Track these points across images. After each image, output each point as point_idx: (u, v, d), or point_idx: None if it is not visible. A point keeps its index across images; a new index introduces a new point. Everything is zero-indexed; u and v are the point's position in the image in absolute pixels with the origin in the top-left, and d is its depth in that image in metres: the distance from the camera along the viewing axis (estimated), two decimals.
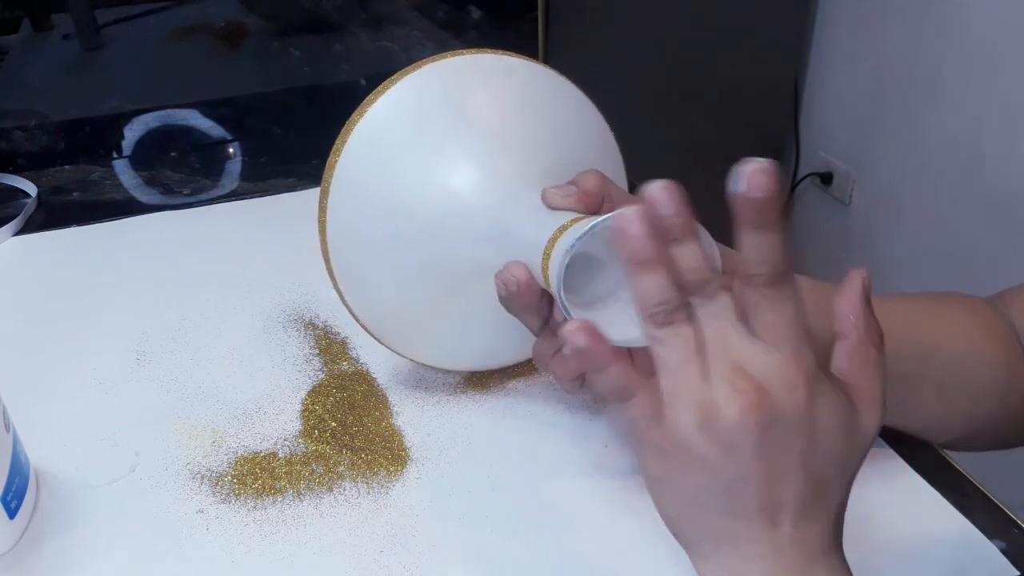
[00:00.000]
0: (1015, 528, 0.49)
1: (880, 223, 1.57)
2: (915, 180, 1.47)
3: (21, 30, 1.17)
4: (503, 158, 0.49)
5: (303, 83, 1.05)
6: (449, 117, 0.50)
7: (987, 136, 1.31)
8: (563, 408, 0.59)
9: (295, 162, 0.94)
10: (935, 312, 0.53)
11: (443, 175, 0.49)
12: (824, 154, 1.67)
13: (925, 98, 1.42)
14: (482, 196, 0.48)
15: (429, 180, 0.49)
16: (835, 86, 1.62)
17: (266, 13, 1.05)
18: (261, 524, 0.51)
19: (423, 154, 0.50)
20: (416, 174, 0.50)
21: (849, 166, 1.62)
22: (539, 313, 0.47)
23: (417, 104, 0.50)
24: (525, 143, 0.50)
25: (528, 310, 0.47)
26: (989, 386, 0.51)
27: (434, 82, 0.50)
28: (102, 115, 0.98)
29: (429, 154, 0.50)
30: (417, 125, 0.50)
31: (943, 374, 0.50)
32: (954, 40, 1.34)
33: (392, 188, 0.50)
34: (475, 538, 0.50)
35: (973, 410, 0.52)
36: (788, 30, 1.60)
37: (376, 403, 0.59)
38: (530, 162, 0.49)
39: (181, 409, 0.59)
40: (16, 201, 0.88)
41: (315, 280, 0.72)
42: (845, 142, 1.62)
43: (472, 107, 0.50)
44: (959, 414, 0.52)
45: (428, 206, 0.50)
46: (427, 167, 0.49)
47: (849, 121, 1.60)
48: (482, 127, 0.50)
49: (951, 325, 0.52)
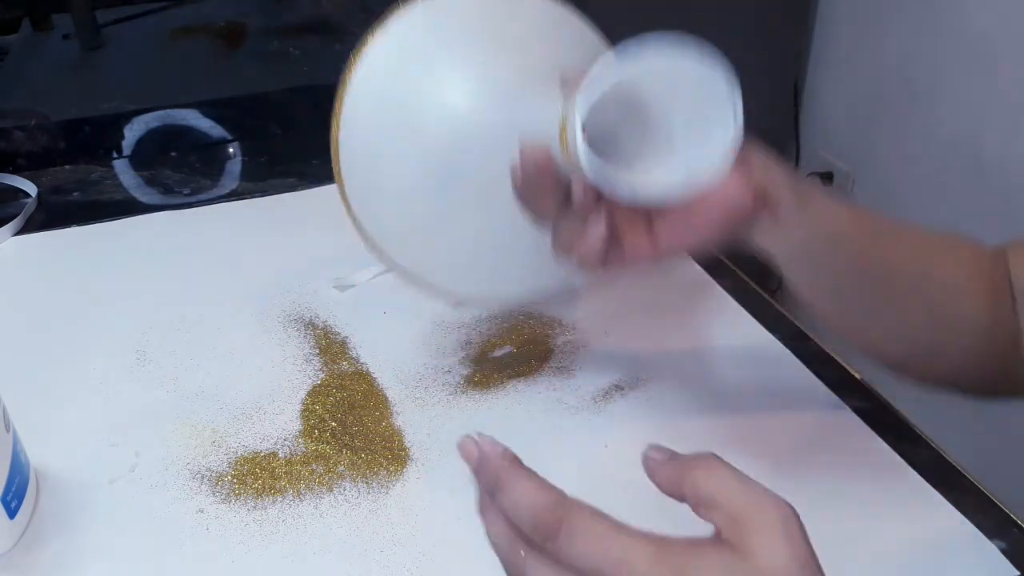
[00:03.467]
0: (1015, 528, 0.49)
1: None
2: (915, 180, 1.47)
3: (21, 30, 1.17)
4: (506, 61, 0.51)
5: (303, 83, 1.05)
6: (455, 31, 0.52)
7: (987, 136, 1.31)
8: (563, 408, 0.59)
9: (295, 162, 0.94)
10: (931, 242, 0.53)
11: (455, 82, 0.50)
12: (824, 154, 1.67)
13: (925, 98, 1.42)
14: (492, 98, 0.49)
15: (443, 87, 0.50)
16: (835, 86, 1.62)
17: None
18: (261, 524, 0.51)
19: (434, 64, 0.51)
20: (430, 80, 0.51)
21: (849, 166, 1.62)
22: (555, 195, 0.45)
23: (427, 22, 0.52)
24: (525, 47, 0.52)
25: (545, 192, 0.45)
26: (975, 320, 0.51)
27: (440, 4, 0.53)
28: (102, 115, 0.98)
29: (440, 63, 0.51)
30: (430, 39, 0.52)
31: (932, 301, 0.51)
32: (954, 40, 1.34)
33: (407, 91, 0.51)
34: (475, 538, 0.50)
35: (960, 343, 0.52)
36: (788, 30, 1.60)
37: (376, 403, 0.59)
38: (531, 65, 0.50)
39: (181, 409, 0.59)
40: (16, 201, 0.88)
41: (315, 280, 0.72)
42: (845, 142, 1.62)
43: (476, 20, 0.53)
44: (947, 344, 0.52)
45: (443, 110, 0.50)
46: (440, 74, 0.51)
47: (849, 121, 1.60)
48: (485, 36, 0.52)
49: (944, 257, 0.52)
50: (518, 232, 0.49)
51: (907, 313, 0.51)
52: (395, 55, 0.52)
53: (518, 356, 0.63)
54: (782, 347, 0.63)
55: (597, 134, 0.41)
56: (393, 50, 0.52)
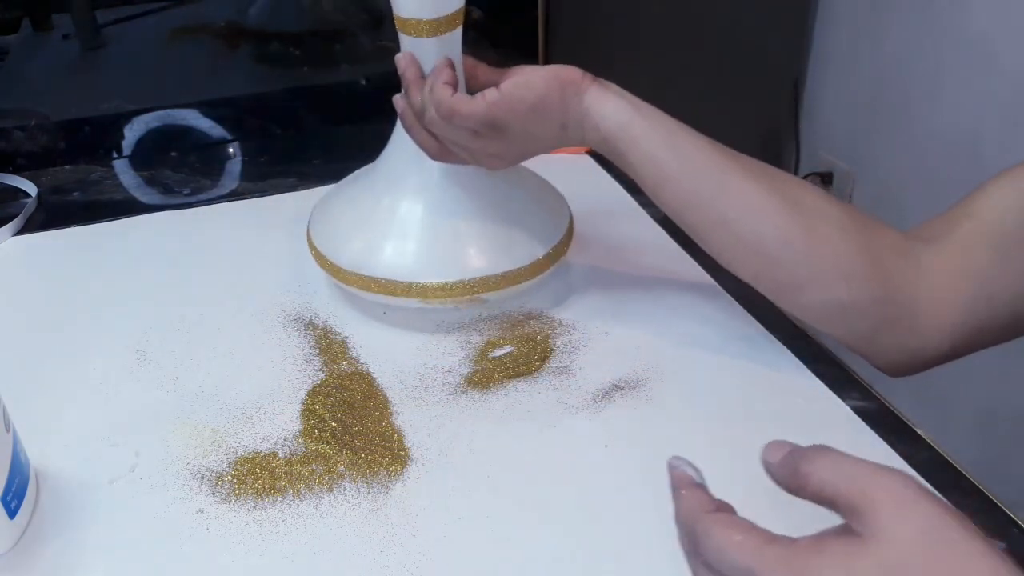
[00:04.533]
0: (1015, 528, 0.49)
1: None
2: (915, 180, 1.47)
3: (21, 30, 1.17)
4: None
5: (303, 83, 1.05)
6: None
7: (987, 136, 1.31)
8: (563, 408, 0.59)
9: (295, 162, 0.94)
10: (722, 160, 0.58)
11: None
12: (824, 154, 1.67)
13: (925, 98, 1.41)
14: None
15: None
16: (835, 86, 1.62)
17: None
18: (261, 524, 0.51)
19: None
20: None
21: (849, 166, 1.62)
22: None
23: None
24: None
25: (415, 85, 0.59)
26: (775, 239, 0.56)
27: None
28: (102, 115, 0.98)
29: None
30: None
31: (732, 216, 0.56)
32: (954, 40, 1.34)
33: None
34: (475, 538, 0.50)
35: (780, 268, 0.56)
36: (788, 30, 1.59)
37: (376, 403, 0.59)
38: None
39: (181, 409, 0.59)
40: (16, 201, 0.88)
41: (315, 280, 0.72)
42: (845, 142, 1.62)
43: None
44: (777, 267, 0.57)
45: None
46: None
47: (849, 121, 1.60)
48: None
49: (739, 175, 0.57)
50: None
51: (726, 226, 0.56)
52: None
53: (518, 356, 0.63)
54: (782, 347, 0.63)
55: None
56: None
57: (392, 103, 0.62)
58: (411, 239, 0.64)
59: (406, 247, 0.64)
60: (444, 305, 0.65)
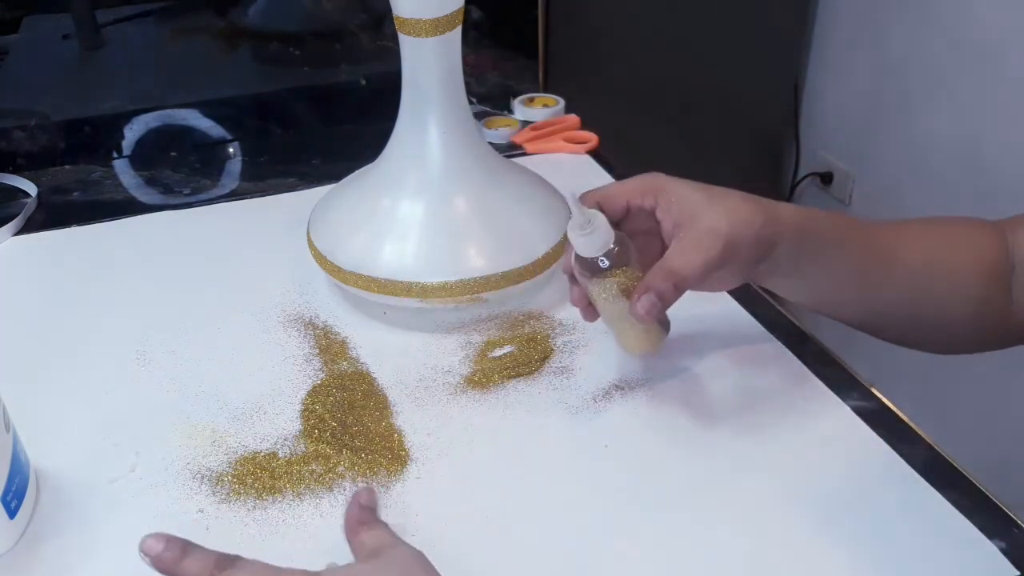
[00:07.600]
0: (1015, 528, 0.49)
1: None
2: (915, 180, 1.47)
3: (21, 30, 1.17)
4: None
5: (303, 83, 1.05)
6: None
7: (987, 136, 1.31)
8: (563, 408, 0.59)
9: (295, 162, 0.94)
10: (931, 230, 0.60)
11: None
12: (824, 154, 1.67)
13: (925, 98, 1.41)
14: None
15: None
16: (835, 86, 1.62)
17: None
18: (261, 524, 0.51)
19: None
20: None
21: (849, 166, 1.62)
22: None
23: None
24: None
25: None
26: (968, 298, 0.57)
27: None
28: (102, 115, 0.98)
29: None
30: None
31: (934, 287, 0.57)
32: (954, 40, 1.34)
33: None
34: (475, 538, 0.50)
35: (947, 317, 0.58)
36: (788, 30, 1.60)
37: (376, 403, 0.59)
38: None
39: (181, 409, 0.59)
40: (16, 201, 0.88)
41: (315, 280, 0.72)
42: (845, 142, 1.62)
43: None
44: (932, 318, 0.58)
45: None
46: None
47: (849, 121, 1.60)
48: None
49: (946, 243, 0.59)
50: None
51: (901, 298, 0.57)
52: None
53: (518, 356, 0.63)
54: (782, 347, 0.63)
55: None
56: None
57: (392, 102, 0.62)
58: (411, 239, 0.64)
59: (406, 247, 0.64)
60: (444, 305, 0.65)
